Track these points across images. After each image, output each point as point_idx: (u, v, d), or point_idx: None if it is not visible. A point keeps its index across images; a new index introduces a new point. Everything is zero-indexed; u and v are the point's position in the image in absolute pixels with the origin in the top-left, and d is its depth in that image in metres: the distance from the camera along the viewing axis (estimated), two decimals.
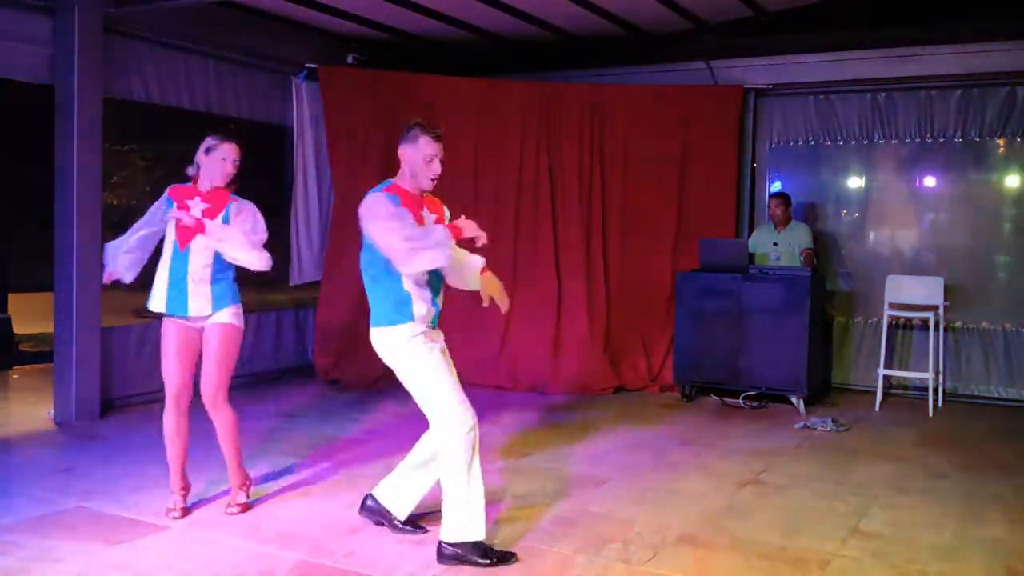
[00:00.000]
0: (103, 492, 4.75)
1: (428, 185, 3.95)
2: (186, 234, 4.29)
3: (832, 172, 8.28)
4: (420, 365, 3.84)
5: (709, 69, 8.33)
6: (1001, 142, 7.66)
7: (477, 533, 3.84)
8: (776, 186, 8.38)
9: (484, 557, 3.81)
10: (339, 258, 8.02)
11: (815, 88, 8.15)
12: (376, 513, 4.26)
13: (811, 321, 7.06)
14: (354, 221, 3.60)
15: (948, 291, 7.47)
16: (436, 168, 3.91)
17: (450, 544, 3.83)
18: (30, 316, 9.94)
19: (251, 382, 7.78)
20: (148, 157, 8.35)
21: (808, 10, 7.83)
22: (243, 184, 4.45)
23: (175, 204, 4.35)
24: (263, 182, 8.87)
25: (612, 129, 8.19)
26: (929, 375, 7.27)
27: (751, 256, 7.68)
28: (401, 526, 4.20)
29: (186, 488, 4.48)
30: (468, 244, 3.95)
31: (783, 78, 8.18)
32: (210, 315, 4.34)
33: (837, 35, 7.94)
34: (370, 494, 4.31)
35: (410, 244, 3.67)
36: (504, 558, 3.87)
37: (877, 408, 7.29)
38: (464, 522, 3.82)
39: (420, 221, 3.88)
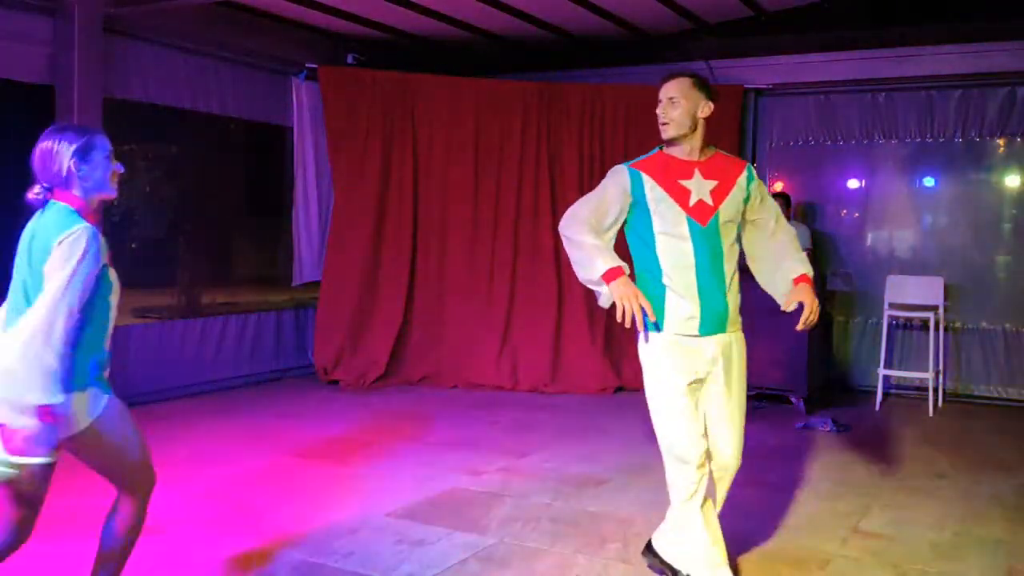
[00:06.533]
0: (103, 492, 4.73)
1: None
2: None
3: (832, 172, 8.28)
4: None
5: (709, 69, 8.31)
6: (1001, 142, 7.66)
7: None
8: (777, 187, 8.38)
9: None
10: (339, 258, 8.02)
11: (815, 88, 8.15)
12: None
13: None
14: (354, 221, 3.58)
15: (948, 291, 7.47)
16: None
17: None
18: None
19: (251, 382, 7.80)
20: (148, 157, 8.35)
21: (808, 10, 7.82)
22: (244, 184, 4.43)
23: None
24: (263, 182, 8.88)
25: (612, 129, 8.19)
26: (929, 375, 7.27)
27: None
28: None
29: None
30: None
31: (783, 78, 8.18)
32: None
33: (837, 35, 7.94)
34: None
35: None
36: None
37: (877, 408, 7.29)
38: None
39: None
